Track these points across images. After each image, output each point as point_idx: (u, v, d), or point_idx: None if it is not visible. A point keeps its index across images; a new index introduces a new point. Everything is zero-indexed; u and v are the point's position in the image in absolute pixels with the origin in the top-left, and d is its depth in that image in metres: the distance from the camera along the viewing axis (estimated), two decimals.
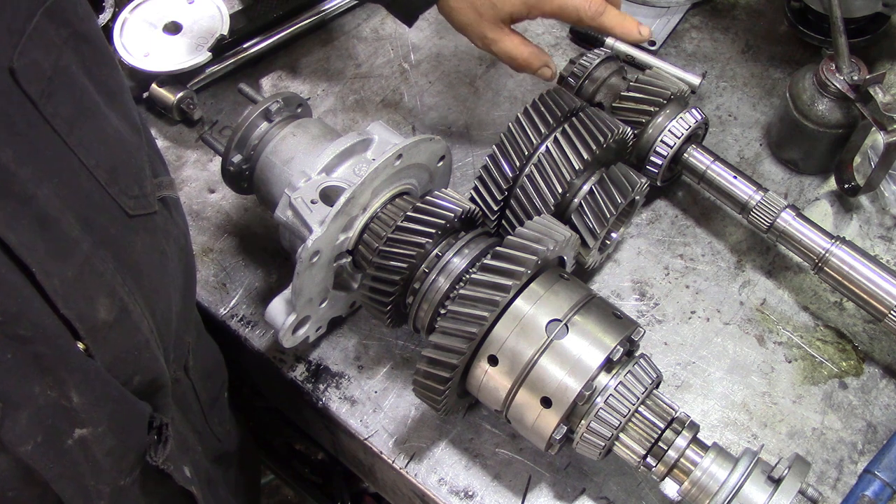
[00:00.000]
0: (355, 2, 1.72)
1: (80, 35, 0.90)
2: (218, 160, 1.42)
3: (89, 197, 0.90)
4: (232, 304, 1.41)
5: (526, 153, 1.25)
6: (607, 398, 1.07)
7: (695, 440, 1.09)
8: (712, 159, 1.38)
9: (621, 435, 1.09)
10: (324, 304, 1.25)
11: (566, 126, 1.26)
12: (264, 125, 1.29)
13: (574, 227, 1.26)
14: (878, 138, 1.36)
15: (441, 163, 1.31)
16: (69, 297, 0.84)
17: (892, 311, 1.24)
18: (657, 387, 1.12)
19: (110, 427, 0.92)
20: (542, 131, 1.26)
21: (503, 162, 1.26)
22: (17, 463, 0.84)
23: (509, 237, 1.13)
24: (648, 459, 1.09)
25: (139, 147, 1.03)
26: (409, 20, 1.36)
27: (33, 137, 0.82)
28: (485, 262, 1.11)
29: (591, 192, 1.26)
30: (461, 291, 1.09)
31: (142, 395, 0.98)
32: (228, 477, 1.37)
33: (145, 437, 0.99)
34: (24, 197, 0.80)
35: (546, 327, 1.08)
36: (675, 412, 1.10)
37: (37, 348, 0.82)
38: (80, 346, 0.87)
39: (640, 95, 1.36)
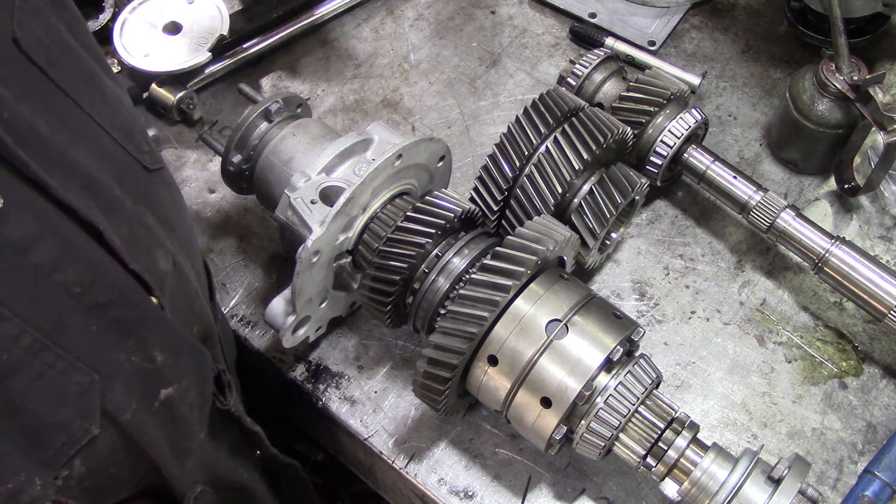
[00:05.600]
0: (355, 2, 1.72)
1: (56, 0, 0.91)
2: (218, 160, 1.42)
3: (114, 156, 0.90)
4: (232, 304, 1.41)
5: (526, 153, 1.25)
6: (607, 398, 1.07)
7: (695, 440, 1.09)
8: (712, 159, 1.38)
9: (621, 435, 1.09)
10: (324, 304, 1.25)
11: (566, 126, 1.26)
12: (264, 125, 1.29)
13: (574, 227, 1.26)
14: (878, 138, 1.36)
15: (441, 163, 1.31)
16: (132, 252, 0.85)
17: (892, 311, 1.24)
18: (657, 387, 1.12)
19: (191, 381, 0.94)
20: (542, 131, 1.26)
21: (503, 162, 1.26)
22: (121, 434, 0.84)
23: (509, 237, 1.13)
24: (648, 459, 1.09)
25: (133, 105, 1.04)
26: None
27: (53, 104, 0.83)
28: (485, 262, 1.11)
29: (591, 192, 1.26)
30: (461, 291, 1.09)
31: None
32: None
33: (212, 386, 1.01)
34: (69, 161, 0.80)
35: (546, 327, 1.08)
36: (675, 412, 1.10)
37: (116, 312, 0.82)
38: (154, 300, 0.88)
39: (640, 95, 1.36)
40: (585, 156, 1.23)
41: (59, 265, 0.76)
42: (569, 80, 1.43)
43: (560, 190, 1.24)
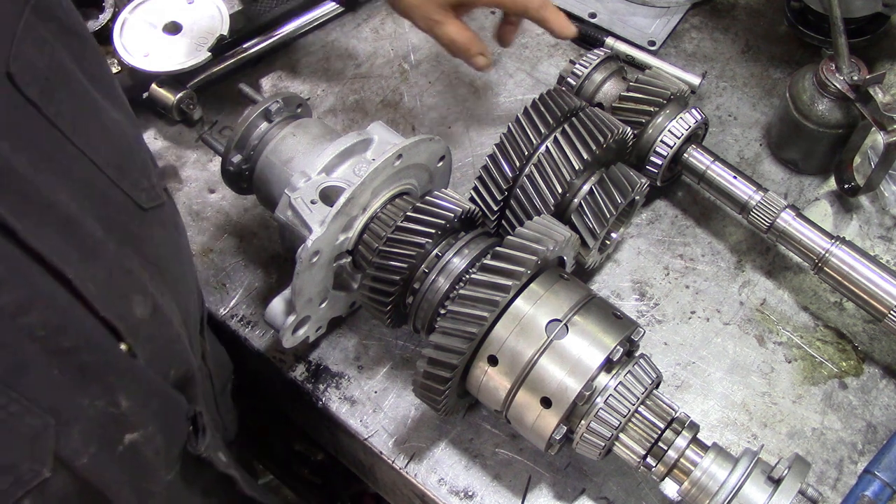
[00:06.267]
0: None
1: (67, 29, 0.88)
2: (218, 160, 1.42)
3: (104, 195, 0.89)
4: (232, 304, 1.41)
5: (526, 153, 1.25)
6: (607, 398, 1.07)
7: (695, 440, 1.09)
8: (712, 159, 1.38)
9: (621, 435, 1.09)
10: (324, 304, 1.25)
11: (566, 126, 1.26)
12: (264, 125, 1.29)
13: (574, 227, 1.26)
14: (878, 138, 1.36)
15: (441, 163, 1.31)
16: (106, 298, 0.83)
17: (892, 311, 1.24)
18: (657, 387, 1.12)
19: (157, 426, 0.92)
20: (542, 131, 1.26)
21: (503, 162, 1.26)
22: (75, 478, 0.83)
23: (509, 237, 1.13)
24: (648, 459, 1.09)
25: (139, 137, 1.02)
26: (349, 3, 1.35)
27: (41, 141, 0.81)
28: (485, 262, 1.11)
29: (591, 192, 1.26)
30: (461, 291, 1.09)
31: (176, 388, 0.99)
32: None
33: (185, 430, 1.00)
34: (46, 203, 0.78)
35: (546, 327, 1.08)
36: (675, 412, 1.10)
37: (82, 358, 0.81)
38: (123, 347, 0.87)
39: (640, 95, 1.36)
40: (585, 156, 1.23)
41: (24, 309, 0.75)
42: (569, 80, 1.43)
43: (560, 190, 1.24)
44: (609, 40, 1.64)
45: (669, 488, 1.09)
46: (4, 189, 0.74)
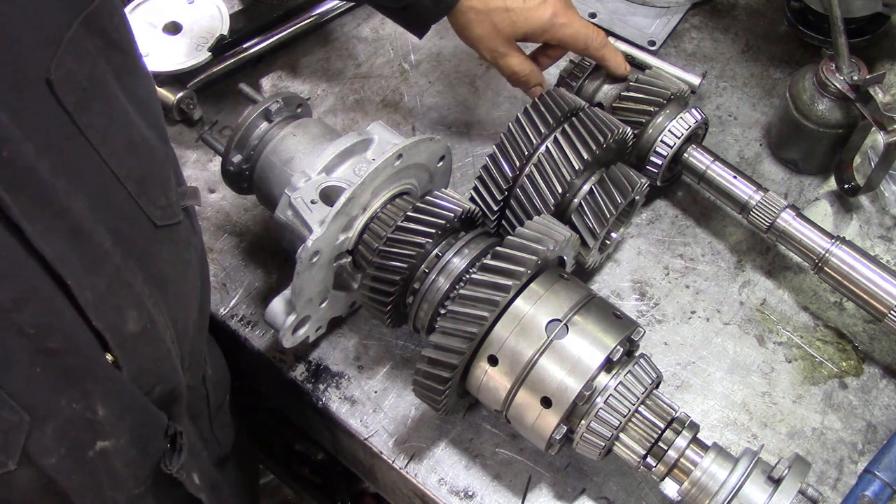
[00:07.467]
0: (356, 1, 1.72)
1: (113, 44, 0.90)
2: (218, 160, 1.42)
3: (120, 208, 0.90)
4: (232, 304, 1.41)
5: (526, 153, 1.25)
6: (607, 398, 1.07)
7: (695, 440, 1.09)
8: (712, 159, 1.38)
9: (621, 435, 1.09)
10: (324, 304, 1.25)
11: (566, 126, 1.26)
12: (264, 125, 1.29)
13: (574, 227, 1.26)
14: (878, 138, 1.36)
15: (441, 163, 1.31)
16: (100, 309, 0.84)
17: (892, 311, 1.24)
18: (657, 387, 1.13)
19: (131, 439, 0.93)
20: (542, 131, 1.26)
21: (503, 162, 1.26)
22: (41, 475, 0.84)
23: (509, 237, 1.13)
24: (648, 459, 1.09)
25: (166, 155, 1.03)
26: (420, 31, 1.39)
27: (68, 149, 0.82)
28: (485, 262, 1.11)
29: (591, 192, 1.26)
30: (461, 291, 1.09)
31: (160, 405, 0.99)
32: (229, 478, 1.38)
33: (161, 447, 1.00)
34: (59, 209, 0.80)
35: (546, 327, 1.08)
36: (675, 412, 1.10)
37: (66, 361, 0.82)
38: (109, 357, 0.88)
39: (640, 95, 1.36)
40: (585, 156, 1.23)
41: (18, 305, 0.76)
42: (569, 80, 1.43)
43: (560, 190, 1.24)
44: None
45: (669, 488, 1.10)
46: (21, 190, 0.76)
